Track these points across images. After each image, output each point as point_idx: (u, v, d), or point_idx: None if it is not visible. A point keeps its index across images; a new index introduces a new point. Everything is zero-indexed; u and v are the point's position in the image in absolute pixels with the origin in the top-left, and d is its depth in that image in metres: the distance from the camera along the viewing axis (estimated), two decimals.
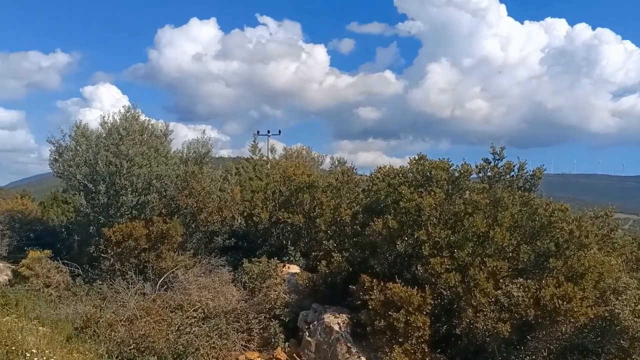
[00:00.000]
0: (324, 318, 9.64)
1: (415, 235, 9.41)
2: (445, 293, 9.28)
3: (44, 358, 7.90)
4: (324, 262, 10.54)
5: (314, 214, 12.45)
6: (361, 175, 13.66)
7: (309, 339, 9.64)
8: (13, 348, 8.09)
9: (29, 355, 7.87)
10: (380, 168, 11.79)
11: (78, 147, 13.82)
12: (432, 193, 9.52)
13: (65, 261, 13.16)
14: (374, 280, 9.38)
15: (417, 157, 10.51)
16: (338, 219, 12.04)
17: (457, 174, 10.14)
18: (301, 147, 27.19)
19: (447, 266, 9.13)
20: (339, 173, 13.28)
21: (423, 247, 9.19)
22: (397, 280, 9.35)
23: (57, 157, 14.01)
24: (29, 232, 14.63)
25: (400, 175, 10.73)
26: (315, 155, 27.27)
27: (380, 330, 9.02)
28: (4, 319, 9.68)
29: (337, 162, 25.04)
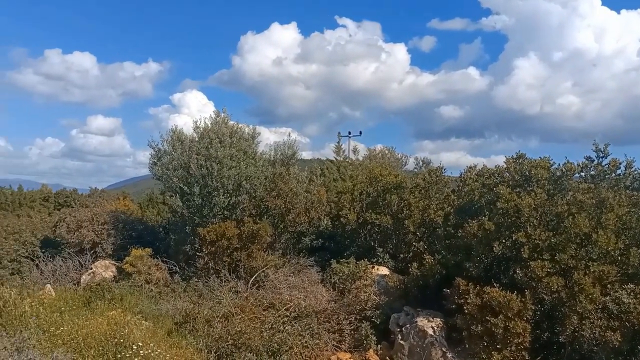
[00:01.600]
0: (416, 321, 9.44)
1: (514, 238, 8.97)
2: (546, 298, 8.78)
3: (149, 351, 8.34)
4: (415, 264, 10.31)
5: (402, 215, 12.23)
6: (449, 175, 13.26)
7: (401, 342, 9.47)
8: (121, 340, 8.63)
9: (135, 347, 8.36)
10: (471, 168, 11.40)
11: (174, 151, 14.46)
12: (532, 193, 9.05)
13: (164, 259, 13.81)
14: (470, 284, 9.06)
15: (515, 156, 10.06)
16: (427, 220, 11.78)
17: (558, 173, 9.60)
18: (384, 148, 26.90)
19: (549, 270, 8.62)
20: (427, 173, 12.97)
21: (522, 250, 8.74)
22: (494, 284, 8.99)
23: (155, 160, 14.75)
24: (130, 231, 15.47)
25: (496, 174, 10.30)
26: (399, 156, 26.88)
27: (477, 335, 8.69)
28: (111, 313, 10.35)
29: (421, 163, 24.54)
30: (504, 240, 9.18)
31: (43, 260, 14.15)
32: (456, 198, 11.46)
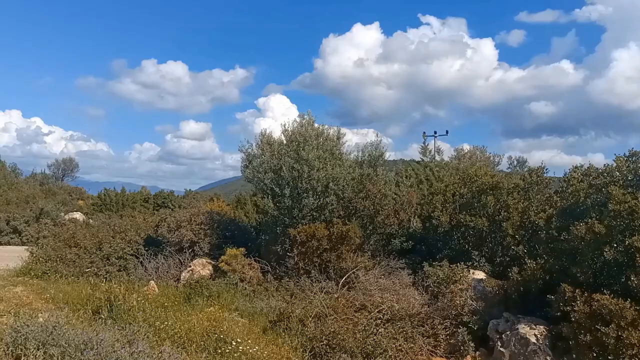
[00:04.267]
0: (518, 328, 8.98)
1: (627, 242, 8.28)
2: None
3: (247, 347, 8.57)
4: (515, 269, 9.82)
5: (500, 217, 11.70)
6: (551, 176, 12.50)
7: (501, 349, 9.06)
8: (221, 336, 8.93)
9: (234, 343, 8.61)
10: (576, 167, 10.68)
11: (264, 155, 14.82)
12: None
13: (256, 258, 14.17)
14: (577, 290, 8.49)
15: (627, 154, 9.31)
16: (527, 223, 11.19)
17: None
18: (475, 148, 25.93)
19: None
20: (527, 173, 12.32)
21: (638, 255, 8.05)
22: (603, 290, 8.36)
23: (247, 164, 15.19)
24: (224, 231, 16.00)
25: (605, 174, 9.58)
26: (490, 156, 25.78)
27: (586, 345, 8.11)
28: (209, 309, 10.73)
29: (515, 162, 23.36)
30: (615, 245, 8.50)
31: (146, 258, 14.95)
32: (559, 199, 10.79)
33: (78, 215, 28.26)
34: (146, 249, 15.58)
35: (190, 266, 14.33)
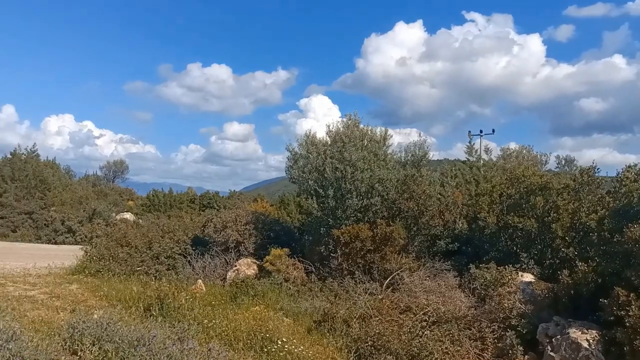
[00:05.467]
0: (569, 333, 8.71)
1: None
2: None
3: (293, 347, 8.68)
4: (565, 272, 9.53)
5: (549, 218, 11.37)
6: (603, 176, 12.04)
7: (551, 354, 8.80)
8: (267, 335, 9.07)
9: (280, 343, 8.74)
10: (629, 166, 10.28)
11: (309, 155, 14.92)
12: None
13: (300, 259, 14.29)
14: (631, 294, 8.17)
15: None
16: (577, 224, 10.85)
17: None
18: (521, 147, 25.24)
19: None
20: (577, 173, 11.93)
21: None
22: None
23: (292, 164, 15.34)
24: (269, 231, 16.20)
25: None
26: (537, 155, 25.04)
27: None
28: (255, 308, 10.92)
29: (563, 161, 22.63)
30: None
31: (194, 257, 15.31)
32: (611, 200, 10.40)
33: (128, 216, 29.28)
34: (193, 248, 15.95)
35: (235, 266, 14.58)
